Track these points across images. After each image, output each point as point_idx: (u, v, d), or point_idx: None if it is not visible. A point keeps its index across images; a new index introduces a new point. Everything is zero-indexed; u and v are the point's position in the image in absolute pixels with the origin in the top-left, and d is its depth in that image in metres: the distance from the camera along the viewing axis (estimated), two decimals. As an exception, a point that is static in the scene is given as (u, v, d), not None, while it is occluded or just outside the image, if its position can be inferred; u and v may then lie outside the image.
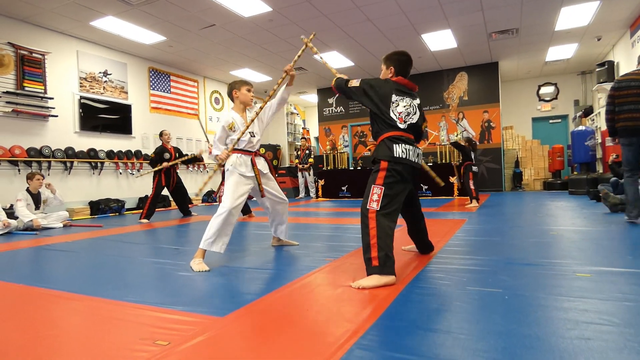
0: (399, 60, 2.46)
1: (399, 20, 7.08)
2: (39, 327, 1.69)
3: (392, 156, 2.25)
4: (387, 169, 2.24)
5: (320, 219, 5.69)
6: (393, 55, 2.48)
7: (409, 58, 2.49)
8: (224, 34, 7.45)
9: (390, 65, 2.46)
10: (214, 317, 1.70)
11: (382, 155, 2.28)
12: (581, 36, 8.19)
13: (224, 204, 2.78)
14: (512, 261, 2.55)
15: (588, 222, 4.19)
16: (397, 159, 2.25)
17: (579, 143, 8.67)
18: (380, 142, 2.33)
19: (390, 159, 2.25)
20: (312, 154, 10.81)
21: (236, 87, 3.06)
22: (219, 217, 2.74)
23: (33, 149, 6.45)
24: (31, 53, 6.48)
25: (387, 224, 2.17)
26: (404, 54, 2.49)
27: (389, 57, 2.49)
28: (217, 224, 2.73)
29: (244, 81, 3.12)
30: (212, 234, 2.72)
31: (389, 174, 2.23)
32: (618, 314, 1.59)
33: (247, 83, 3.11)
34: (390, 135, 2.31)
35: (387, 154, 2.27)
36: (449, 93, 10.59)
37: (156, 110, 8.98)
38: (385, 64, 2.50)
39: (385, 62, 2.50)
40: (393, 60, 2.46)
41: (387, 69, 2.48)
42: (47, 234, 4.86)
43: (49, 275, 2.73)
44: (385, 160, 2.26)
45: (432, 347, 1.35)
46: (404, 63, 2.47)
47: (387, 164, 2.25)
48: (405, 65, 2.48)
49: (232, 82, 3.13)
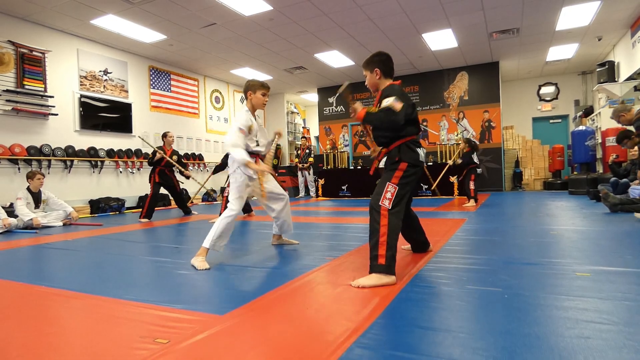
0: (381, 61, 2.41)
1: (400, 20, 7.07)
2: (40, 325, 1.69)
3: (418, 160, 2.29)
4: (405, 170, 2.25)
5: (320, 218, 5.69)
6: (373, 58, 2.43)
7: (388, 56, 2.44)
8: (225, 33, 7.45)
9: (374, 67, 2.40)
10: (213, 315, 1.70)
11: (408, 158, 2.28)
12: (582, 36, 8.18)
13: (233, 206, 2.80)
14: (512, 260, 2.55)
15: (588, 222, 4.19)
16: (420, 163, 2.31)
17: (579, 143, 8.67)
18: (402, 145, 2.31)
19: (416, 162, 2.28)
20: (312, 153, 10.81)
21: (252, 90, 2.95)
22: (228, 218, 2.76)
23: (33, 148, 6.45)
24: (31, 51, 6.48)
25: (397, 223, 2.18)
26: (381, 53, 2.44)
27: (370, 61, 2.43)
28: (224, 224, 2.75)
29: (262, 85, 2.97)
30: (218, 234, 2.73)
31: (405, 175, 2.25)
32: (617, 313, 1.59)
33: (265, 87, 2.98)
34: (412, 139, 2.33)
35: (413, 157, 2.29)
36: (450, 93, 10.58)
37: (156, 109, 8.98)
38: (368, 69, 2.43)
39: (367, 67, 2.44)
40: (375, 63, 2.41)
41: (372, 73, 2.42)
42: (47, 233, 4.86)
43: (49, 274, 2.73)
44: (406, 162, 2.27)
45: (431, 345, 1.35)
46: (386, 61, 2.42)
47: (406, 166, 2.26)
48: (388, 63, 2.43)
49: (251, 84, 2.96)
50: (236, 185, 2.88)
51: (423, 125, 10.86)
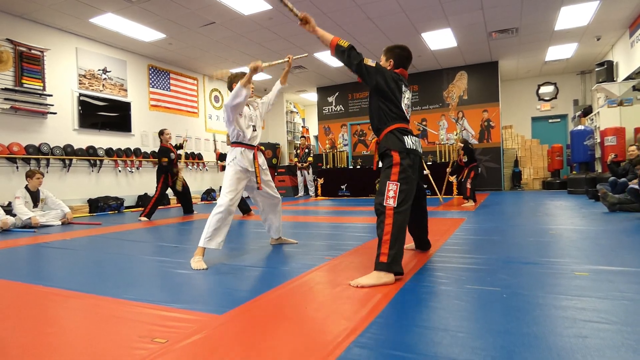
0: (400, 55, 2.45)
1: (399, 19, 7.07)
2: (39, 325, 1.69)
3: (404, 147, 2.23)
4: (400, 164, 2.21)
5: (320, 217, 5.69)
6: (395, 49, 2.47)
7: (409, 54, 2.47)
8: (224, 32, 7.44)
9: (390, 58, 2.45)
10: (212, 315, 1.70)
11: (394, 146, 2.24)
12: (581, 36, 8.19)
13: (221, 200, 2.76)
14: (511, 260, 2.56)
15: (586, 222, 4.20)
16: (409, 150, 2.24)
17: (578, 143, 8.67)
18: (388, 133, 2.29)
19: (402, 149, 2.23)
20: (312, 152, 10.80)
21: (236, 81, 2.99)
22: (217, 214, 2.73)
23: (31, 146, 6.43)
24: (30, 50, 6.47)
25: (403, 222, 2.16)
26: (405, 49, 2.48)
27: (390, 50, 2.48)
28: (216, 221, 2.73)
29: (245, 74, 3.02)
30: (211, 231, 2.72)
31: (402, 169, 2.21)
32: (615, 312, 1.60)
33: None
34: (398, 127, 2.29)
35: (398, 144, 2.24)
36: (449, 92, 10.58)
37: (155, 108, 8.97)
38: (385, 56, 2.49)
39: (385, 53, 2.49)
40: (394, 54, 2.45)
41: (386, 60, 2.47)
42: (46, 232, 4.85)
43: (47, 273, 2.73)
44: (396, 151, 2.23)
45: (430, 345, 1.35)
46: (404, 59, 2.46)
47: (399, 158, 2.22)
48: (405, 61, 2.46)
49: (234, 75, 3.04)
50: (229, 177, 2.85)
51: (422, 125, 10.87)
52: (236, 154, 2.91)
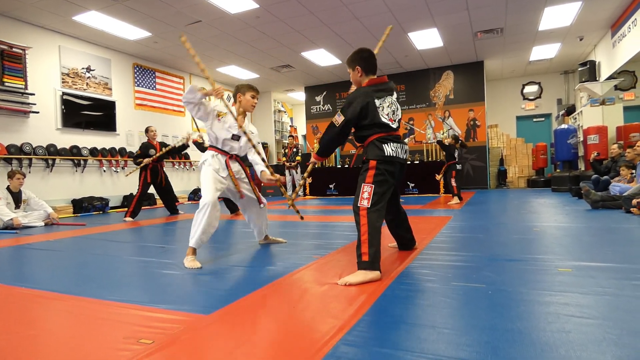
0: (362, 58, 2.43)
1: (386, 19, 7.10)
2: (20, 328, 1.65)
3: (383, 155, 2.31)
4: (377, 168, 2.29)
5: (307, 216, 5.68)
6: (354, 56, 2.46)
7: (370, 53, 2.47)
8: (210, 31, 7.38)
9: (355, 65, 2.43)
10: (199, 315, 1.69)
11: (372, 155, 2.33)
12: (564, 36, 8.33)
13: (203, 199, 2.76)
14: (495, 257, 2.59)
15: (570, 219, 4.28)
16: (388, 158, 2.31)
17: (562, 141, 8.83)
18: (370, 143, 2.36)
19: (381, 158, 2.30)
20: (300, 152, 10.79)
21: (241, 91, 2.98)
22: (200, 212, 2.72)
23: (13, 146, 6.30)
24: (11, 48, 6.32)
25: (377, 221, 2.23)
26: (363, 50, 2.47)
27: (351, 59, 2.46)
28: (199, 219, 2.72)
29: (251, 87, 3.00)
30: (201, 230, 2.70)
31: (377, 172, 2.29)
32: (597, 307, 1.63)
33: (254, 89, 3.01)
34: (378, 136, 2.34)
35: (377, 153, 2.31)
36: (435, 91, 10.67)
37: (141, 107, 8.86)
38: (350, 67, 2.47)
39: (349, 65, 2.47)
40: (356, 60, 2.44)
41: (353, 70, 2.45)
42: (28, 233, 4.75)
43: (30, 275, 2.67)
44: (374, 160, 2.31)
45: (417, 341, 1.37)
46: (367, 58, 2.44)
47: (375, 163, 2.30)
48: (369, 60, 2.44)
49: (240, 85, 3.01)
50: (204, 177, 2.85)
51: (409, 124, 10.94)
52: (208, 156, 2.91)
